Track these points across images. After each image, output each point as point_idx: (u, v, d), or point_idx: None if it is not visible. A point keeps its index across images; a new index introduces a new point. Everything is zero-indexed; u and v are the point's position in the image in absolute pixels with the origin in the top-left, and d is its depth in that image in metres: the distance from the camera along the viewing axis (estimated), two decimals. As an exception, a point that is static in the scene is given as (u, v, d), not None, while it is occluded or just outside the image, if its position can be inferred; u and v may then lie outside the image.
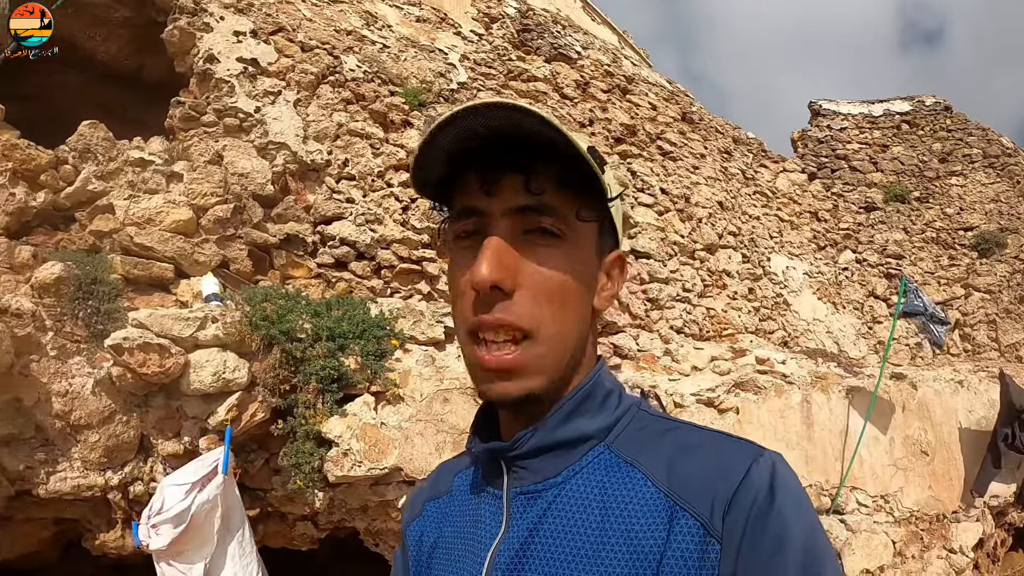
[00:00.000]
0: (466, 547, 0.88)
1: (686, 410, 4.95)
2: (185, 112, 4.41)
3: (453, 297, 0.87)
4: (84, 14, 5.08)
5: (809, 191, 9.15)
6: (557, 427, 0.84)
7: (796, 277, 8.03)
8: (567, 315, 0.83)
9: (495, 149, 0.80)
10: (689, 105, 8.01)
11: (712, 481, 0.75)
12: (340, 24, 5.44)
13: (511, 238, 0.80)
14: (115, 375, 3.26)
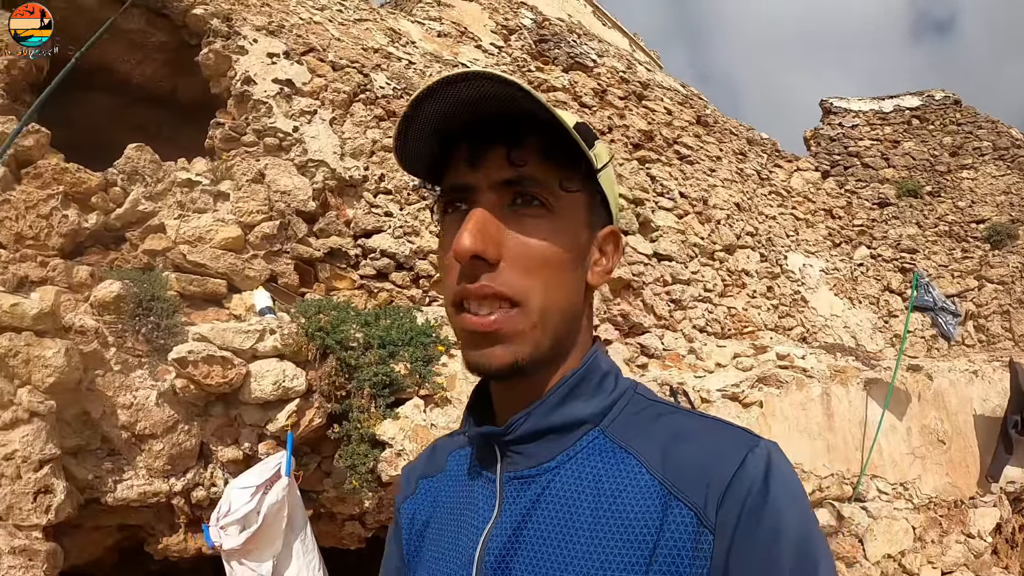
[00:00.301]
0: (459, 529, 0.88)
1: (712, 405, 5.08)
2: (226, 133, 4.57)
3: (441, 272, 0.86)
4: (121, 40, 5.22)
5: (823, 189, 9.26)
6: (551, 411, 0.83)
7: (813, 274, 8.14)
8: (555, 286, 0.81)
9: (480, 123, 0.79)
10: (703, 108, 8.15)
11: (707, 470, 0.74)
12: (367, 42, 5.60)
13: (496, 210, 0.80)
14: (179, 387, 3.43)
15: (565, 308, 0.83)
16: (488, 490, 0.86)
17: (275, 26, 5.21)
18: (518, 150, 0.79)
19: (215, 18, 5.06)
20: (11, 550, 3.01)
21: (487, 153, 0.80)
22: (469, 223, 0.77)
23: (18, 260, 3.72)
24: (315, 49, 5.22)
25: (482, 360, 0.79)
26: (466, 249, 0.76)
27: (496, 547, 0.80)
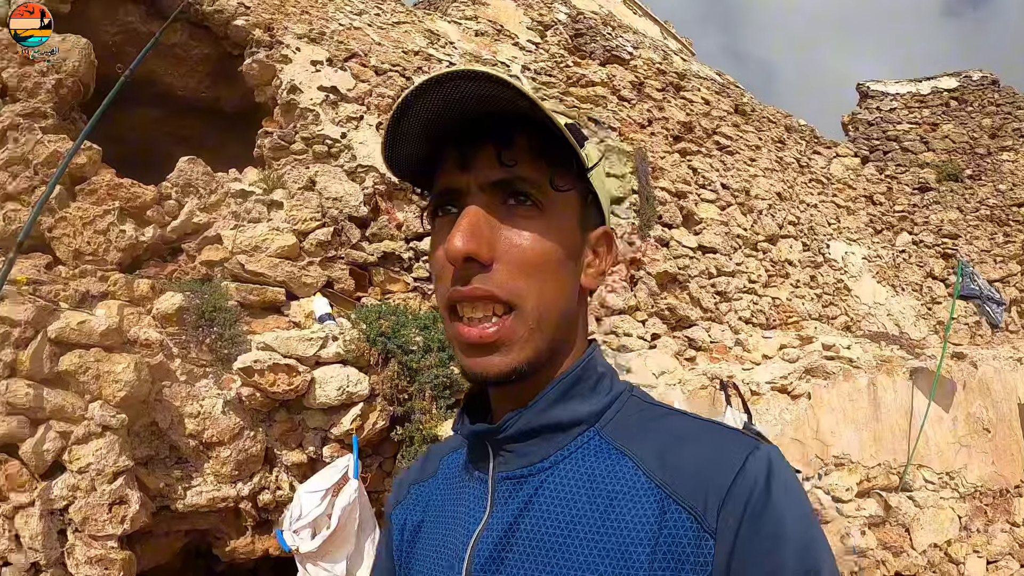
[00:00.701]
0: (449, 530, 0.86)
1: (762, 398, 5.06)
2: (275, 142, 4.63)
3: (434, 279, 0.85)
4: (165, 54, 5.30)
5: (863, 175, 9.14)
6: (546, 410, 0.81)
7: (855, 262, 8.05)
8: (550, 287, 0.79)
9: (469, 123, 0.78)
10: (740, 96, 8.08)
11: (706, 473, 0.73)
12: (407, 45, 5.63)
13: (488, 211, 0.78)
14: (245, 395, 3.50)
15: (561, 310, 0.81)
16: (480, 490, 0.85)
17: (316, 33, 5.25)
18: (508, 150, 0.77)
19: (257, 28, 5.11)
20: (88, 560, 3.09)
21: (477, 154, 0.78)
22: (461, 223, 0.76)
23: (78, 276, 3.80)
24: (357, 55, 5.25)
25: (479, 369, 0.78)
26: (458, 250, 0.75)
27: (486, 547, 0.79)
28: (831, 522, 5.10)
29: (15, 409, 3.10)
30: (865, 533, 5.19)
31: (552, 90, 6.15)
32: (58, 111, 4.26)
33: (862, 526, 5.24)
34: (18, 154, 3.97)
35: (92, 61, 4.49)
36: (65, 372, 3.20)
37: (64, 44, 4.36)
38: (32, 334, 3.22)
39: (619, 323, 5.24)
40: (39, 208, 3.34)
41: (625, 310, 5.36)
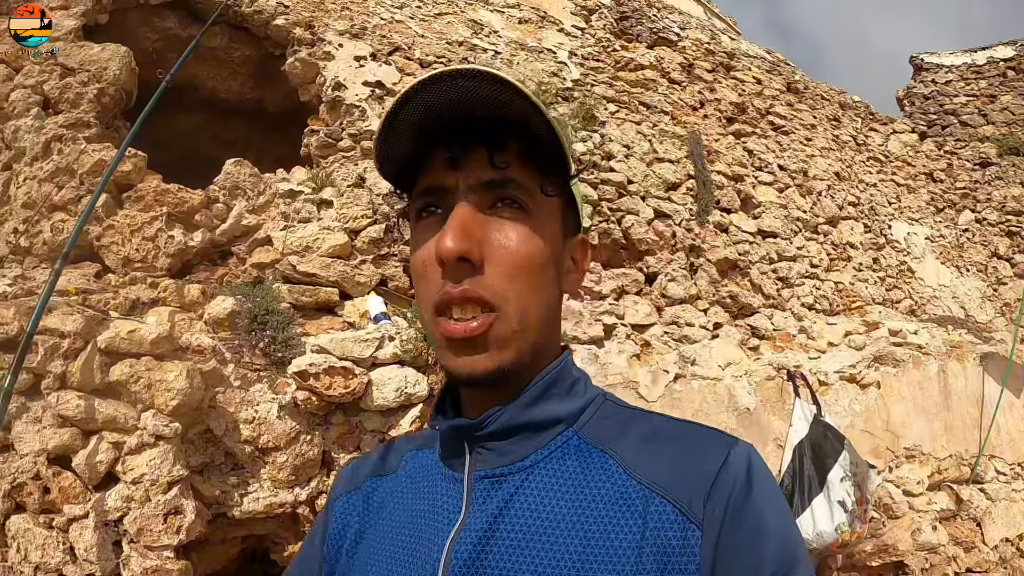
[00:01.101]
0: (419, 531, 0.84)
1: (831, 388, 4.87)
2: (321, 140, 4.53)
3: (416, 279, 0.85)
4: (207, 58, 5.25)
5: (922, 151, 8.81)
6: (527, 407, 0.82)
7: (918, 243, 7.76)
8: (536, 290, 0.81)
9: (462, 122, 0.78)
10: (792, 74, 7.82)
11: (690, 467, 0.75)
12: (451, 36, 5.49)
13: (477, 211, 0.79)
14: (300, 399, 3.39)
15: (544, 313, 0.83)
16: (454, 490, 0.83)
17: (358, 29, 5.14)
18: (501, 153, 0.78)
19: (297, 27, 5.03)
20: (143, 571, 3.02)
21: (468, 155, 0.79)
22: (452, 223, 0.77)
23: (128, 284, 3.76)
24: (400, 48, 5.14)
25: (464, 367, 0.78)
26: (451, 250, 0.75)
27: (465, 549, 0.77)
28: (902, 517, 4.87)
29: (67, 421, 3.05)
30: (936, 528, 4.98)
31: (601, 75, 5.97)
32: (101, 120, 4.23)
33: (933, 520, 5.04)
34: (63, 165, 3.95)
35: (133, 69, 4.47)
36: (116, 382, 3.13)
37: (104, 54, 4.34)
38: (82, 345, 3.17)
39: (680, 313, 5.04)
40: (84, 218, 3.29)
41: (686, 299, 5.16)
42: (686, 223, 5.46)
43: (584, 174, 5.09)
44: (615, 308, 4.64)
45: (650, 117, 5.94)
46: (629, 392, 3.95)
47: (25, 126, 4.02)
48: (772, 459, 4.30)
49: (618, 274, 5.01)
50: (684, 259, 5.36)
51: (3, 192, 3.97)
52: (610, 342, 4.19)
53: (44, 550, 3.03)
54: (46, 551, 3.03)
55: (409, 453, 0.96)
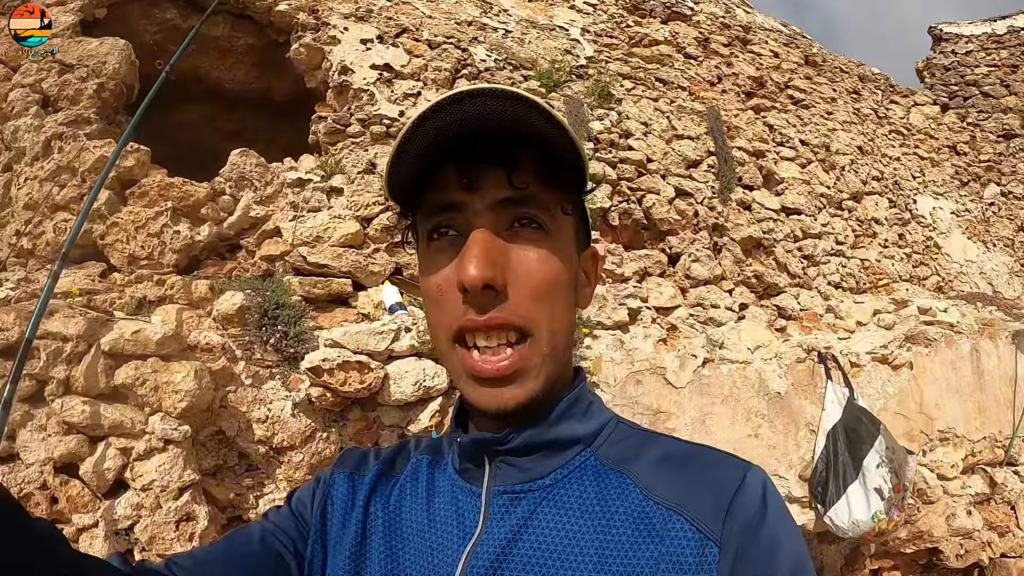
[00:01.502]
0: (434, 542, 0.81)
1: (863, 369, 4.71)
2: (329, 126, 4.39)
3: (429, 303, 0.81)
4: (209, 48, 5.13)
5: (944, 124, 8.60)
6: (551, 427, 0.81)
7: (943, 218, 7.59)
8: (559, 311, 0.79)
9: (471, 141, 0.74)
10: (809, 47, 7.62)
11: (707, 488, 0.75)
12: (459, 16, 5.34)
13: (496, 233, 0.76)
14: (315, 396, 3.26)
15: (568, 333, 0.82)
16: (471, 504, 0.82)
17: (363, 11, 4.99)
18: (520, 173, 0.76)
19: (300, 12, 4.89)
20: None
21: (484, 174, 0.76)
22: (473, 248, 0.74)
23: (134, 282, 3.67)
24: (408, 29, 4.98)
25: (495, 403, 0.76)
26: (475, 278, 0.72)
27: (482, 564, 0.76)
28: (936, 502, 4.73)
29: (72, 428, 2.93)
30: (971, 513, 4.83)
31: (615, 52, 5.80)
32: (102, 116, 4.14)
33: (968, 505, 4.89)
34: (64, 163, 3.87)
35: (133, 62, 4.37)
36: (122, 386, 3.01)
37: (102, 48, 4.24)
38: (85, 348, 3.03)
39: (705, 294, 4.89)
40: (83, 217, 3.18)
41: (711, 279, 5.01)
42: (708, 201, 5.30)
43: (602, 153, 4.94)
44: (639, 291, 4.50)
45: (667, 93, 5.77)
46: (656, 378, 3.81)
47: (24, 125, 3.94)
48: (805, 444, 4.17)
49: (640, 255, 4.87)
50: (707, 238, 5.20)
51: (4, 194, 3.88)
52: (635, 327, 4.05)
53: None
54: None
55: (420, 457, 0.93)
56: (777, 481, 4.06)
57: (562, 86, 5.14)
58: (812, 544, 4.43)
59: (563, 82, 5.17)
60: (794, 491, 4.07)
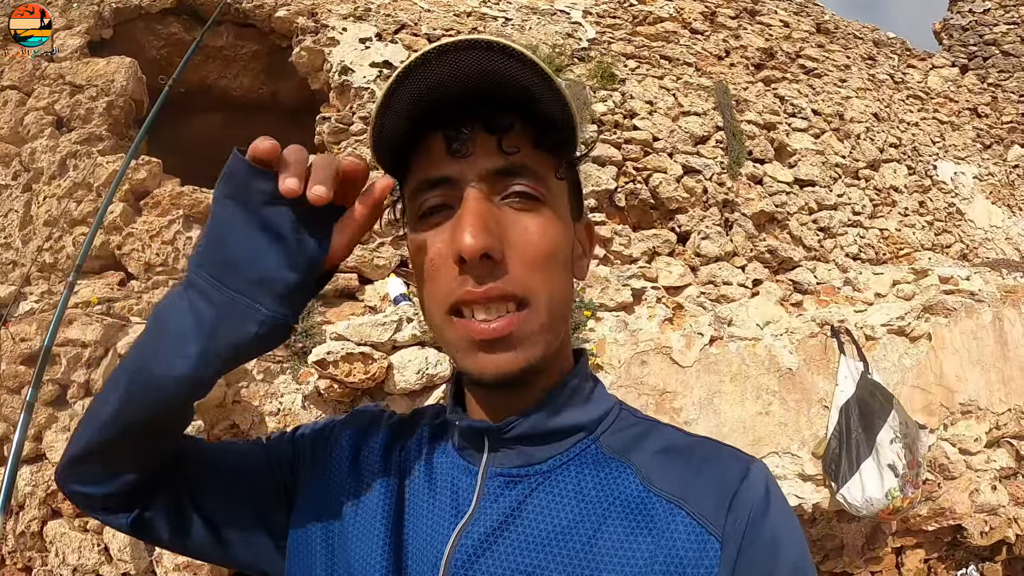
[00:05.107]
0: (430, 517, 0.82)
1: (878, 342, 4.63)
2: (333, 126, 4.49)
3: (422, 279, 0.79)
4: (215, 58, 5.25)
5: (964, 86, 8.41)
6: (550, 416, 0.80)
7: (966, 183, 7.41)
8: (557, 280, 0.77)
9: (461, 99, 0.72)
10: (821, 14, 7.50)
11: (710, 481, 0.74)
12: (458, 8, 5.37)
13: (489, 202, 0.74)
14: (322, 388, 3.35)
15: (567, 304, 0.80)
16: (467, 482, 0.82)
17: (361, 11, 5.06)
18: (510, 137, 0.74)
19: (300, 16, 4.99)
20: (176, 567, 3.07)
21: (472, 140, 0.74)
22: (469, 218, 0.71)
23: (151, 288, 3.84)
24: (407, 25, 5.04)
25: (490, 367, 0.74)
26: (472, 247, 0.70)
27: (470, 542, 0.76)
28: (959, 477, 4.65)
29: (90, 402, 3.07)
30: (996, 488, 4.72)
31: (619, 32, 5.78)
32: (114, 132, 4.31)
33: (992, 480, 4.77)
34: (79, 180, 4.05)
35: (140, 78, 4.53)
36: (137, 386, 3.14)
37: (109, 67, 4.40)
38: (103, 352, 3.24)
39: (717, 271, 4.88)
40: (95, 230, 3.33)
41: (722, 257, 4.99)
42: (717, 177, 5.27)
43: (607, 134, 4.94)
44: (646, 271, 4.50)
45: (673, 70, 5.74)
46: (662, 358, 3.81)
47: (41, 146, 4.12)
48: (818, 421, 4.14)
49: (649, 235, 4.87)
50: (718, 215, 5.18)
51: (25, 212, 4.06)
52: (640, 307, 4.06)
53: (81, 552, 3.12)
54: (82, 553, 3.12)
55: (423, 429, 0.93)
56: (789, 459, 4.05)
57: (564, 70, 5.14)
58: (831, 523, 4.40)
59: (565, 66, 5.18)
60: (807, 469, 4.05)
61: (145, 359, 0.76)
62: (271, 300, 0.72)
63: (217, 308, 0.72)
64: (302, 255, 0.73)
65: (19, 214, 4.03)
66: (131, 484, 0.83)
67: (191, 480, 0.88)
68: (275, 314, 0.72)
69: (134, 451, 0.81)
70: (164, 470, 0.85)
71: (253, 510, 0.90)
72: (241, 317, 0.72)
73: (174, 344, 0.73)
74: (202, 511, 0.88)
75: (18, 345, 3.25)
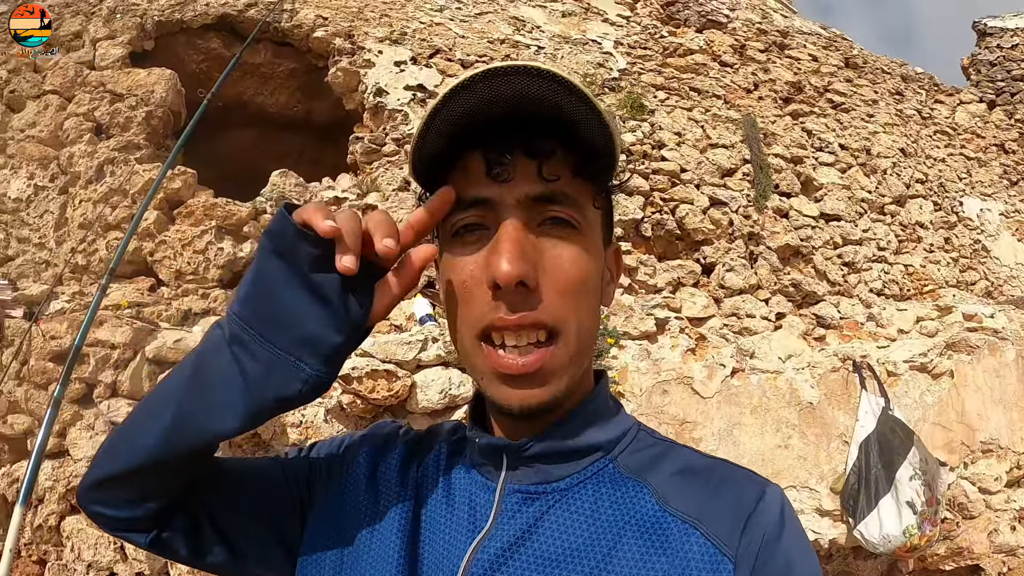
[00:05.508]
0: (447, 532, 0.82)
1: (900, 378, 4.61)
2: (366, 146, 4.56)
3: (453, 300, 0.79)
4: (252, 75, 5.35)
5: (991, 121, 8.37)
6: (569, 436, 0.80)
7: (992, 219, 7.35)
8: (587, 310, 0.78)
9: (499, 127, 0.73)
10: (849, 49, 7.52)
11: (725, 503, 0.75)
12: (492, 34, 5.45)
13: (526, 227, 0.74)
14: (345, 403, 3.40)
15: (593, 333, 0.81)
16: (485, 499, 0.82)
17: (397, 34, 5.15)
18: (551, 163, 0.74)
19: (337, 37, 5.10)
20: (190, 569, 3.08)
21: (512, 165, 0.74)
22: (505, 244, 0.72)
23: (180, 295, 3.96)
24: (441, 50, 5.12)
25: (515, 400, 0.75)
26: (509, 274, 0.70)
27: (487, 558, 0.76)
28: (978, 517, 4.60)
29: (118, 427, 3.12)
30: (1015, 528, 4.65)
31: (649, 63, 5.84)
32: (151, 141, 4.42)
33: (1012, 520, 4.69)
34: (116, 186, 4.16)
35: (179, 90, 4.65)
36: (163, 390, 3.22)
37: (150, 78, 4.54)
38: (131, 355, 3.33)
39: (740, 304, 4.89)
40: (129, 235, 3.42)
41: (746, 289, 5.00)
42: (743, 210, 5.29)
43: (635, 164, 4.98)
44: (670, 301, 4.52)
45: (702, 102, 5.78)
46: (683, 388, 3.83)
47: (79, 151, 4.22)
48: (837, 456, 4.13)
49: (674, 266, 4.89)
50: (743, 247, 5.20)
51: (61, 215, 4.15)
52: (663, 337, 4.08)
53: (96, 549, 3.17)
54: (98, 550, 3.17)
55: (442, 444, 0.93)
56: (807, 493, 4.04)
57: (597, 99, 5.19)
58: (848, 559, 4.36)
59: (597, 95, 5.23)
60: (825, 504, 4.03)
61: (193, 406, 0.77)
62: (316, 360, 0.73)
63: (263, 365, 0.73)
64: (347, 319, 0.74)
65: (54, 215, 4.14)
66: (156, 509, 0.85)
67: (209, 499, 0.90)
68: (319, 373, 0.74)
69: (163, 480, 0.83)
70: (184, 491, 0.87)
71: (269, 527, 0.91)
72: (286, 375, 0.73)
73: (222, 397, 0.75)
74: (219, 529, 0.90)
75: (48, 342, 3.33)
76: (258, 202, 4.20)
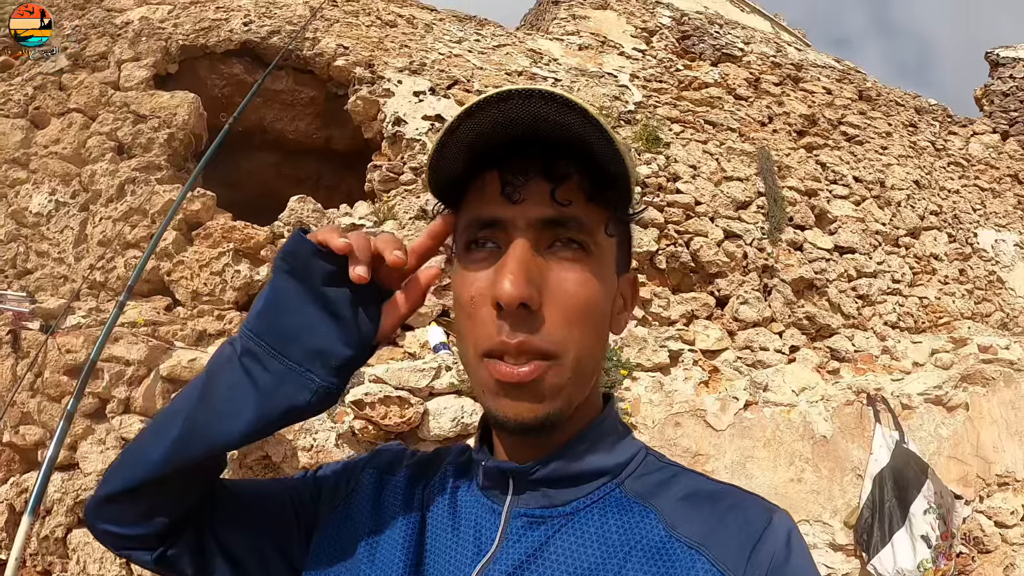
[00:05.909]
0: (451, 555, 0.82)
1: (914, 411, 4.60)
2: (383, 175, 4.60)
3: (462, 314, 0.79)
4: (273, 102, 5.42)
5: (1005, 152, 8.35)
6: (576, 459, 0.80)
7: (1007, 250, 7.32)
8: (590, 337, 0.77)
9: (515, 148, 0.74)
10: (863, 82, 7.57)
11: (732, 529, 0.74)
12: (509, 66, 5.52)
13: (535, 249, 0.74)
14: (357, 428, 3.42)
15: (596, 360, 0.80)
16: (490, 521, 0.81)
17: (417, 65, 5.23)
18: (565, 187, 0.74)
19: (357, 66, 5.17)
20: None
21: (526, 186, 0.74)
22: (512, 265, 0.72)
23: (196, 316, 3.98)
24: (459, 81, 5.20)
25: (511, 413, 0.75)
26: (512, 296, 0.70)
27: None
28: (994, 551, 4.56)
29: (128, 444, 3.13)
30: (1031, 563, 4.61)
31: (664, 96, 5.89)
32: (172, 162, 4.48)
33: None
34: (136, 205, 4.20)
35: (201, 113, 4.72)
36: (176, 409, 3.24)
37: (173, 101, 4.61)
38: (145, 372, 3.36)
39: (754, 336, 4.89)
40: (148, 254, 3.41)
41: (760, 322, 5.01)
42: (758, 243, 5.31)
43: (649, 196, 5.01)
44: (684, 333, 4.53)
45: (716, 135, 5.82)
46: (696, 421, 3.83)
47: (101, 170, 4.29)
48: (851, 490, 4.10)
49: (688, 298, 4.91)
50: (757, 280, 5.21)
51: (80, 231, 4.20)
52: (676, 369, 4.09)
53: (102, 564, 3.17)
54: (104, 564, 3.17)
55: (447, 467, 0.93)
56: (820, 527, 4.02)
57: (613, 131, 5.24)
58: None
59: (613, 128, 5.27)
60: (838, 538, 4.00)
61: (203, 415, 0.79)
62: (325, 371, 0.77)
63: (274, 376, 0.77)
64: (357, 333, 0.78)
65: (74, 232, 4.19)
66: (164, 526, 0.86)
67: (215, 519, 0.91)
68: (328, 384, 0.77)
69: (172, 494, 0.85)
70: (192, 508, 0.88)
71: (275, 549, 0.92)
72: (296, 385, 0.77)
73: (232, 406, 0.78)
74: (224, 549, 0.90)
75: (63, 356, 3.36)
76: (276, 226, 4.24)
